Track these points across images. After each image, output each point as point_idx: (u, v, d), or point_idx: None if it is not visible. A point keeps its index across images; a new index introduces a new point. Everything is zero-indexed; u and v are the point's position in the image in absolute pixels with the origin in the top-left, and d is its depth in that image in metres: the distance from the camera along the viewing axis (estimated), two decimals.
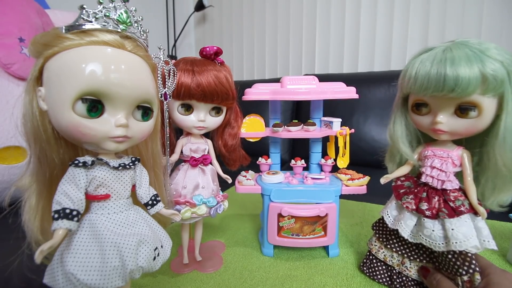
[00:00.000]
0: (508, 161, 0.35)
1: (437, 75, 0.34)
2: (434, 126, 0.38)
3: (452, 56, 0.34)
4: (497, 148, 0.36)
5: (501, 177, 0.36)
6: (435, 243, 0.38)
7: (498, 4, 1.07)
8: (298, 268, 0.51)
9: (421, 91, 0.37)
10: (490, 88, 0.33)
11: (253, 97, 0.54)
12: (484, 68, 0.32)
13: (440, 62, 0.34)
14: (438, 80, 0.34)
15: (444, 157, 0.40)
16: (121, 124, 0.29)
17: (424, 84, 0.36)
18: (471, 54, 0.33)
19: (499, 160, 0.36)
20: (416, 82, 0.37)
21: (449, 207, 0.38)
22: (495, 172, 0.37)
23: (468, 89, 0.33)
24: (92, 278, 0.27)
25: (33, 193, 0.31)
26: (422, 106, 0.39)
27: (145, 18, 0.34)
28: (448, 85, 0.34)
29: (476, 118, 0.35)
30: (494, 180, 0.37)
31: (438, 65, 0.34)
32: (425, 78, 0.35)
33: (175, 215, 0.38)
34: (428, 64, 0.35)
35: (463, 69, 0.33)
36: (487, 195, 0.38)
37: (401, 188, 0.44)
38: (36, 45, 0.28)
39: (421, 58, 0.37)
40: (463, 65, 0.33)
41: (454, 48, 0.35)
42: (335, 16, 1.39)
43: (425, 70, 0.35)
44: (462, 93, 0.33)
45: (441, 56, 0.35)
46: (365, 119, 1.11)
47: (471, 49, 0.34)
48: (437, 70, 0.34)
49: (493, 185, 0.38)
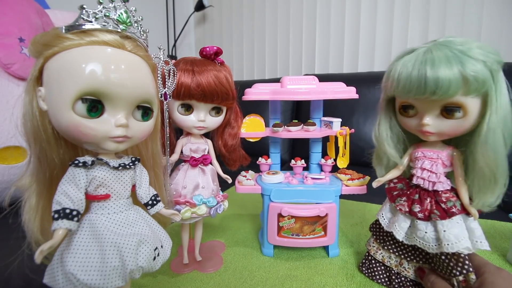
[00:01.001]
0: (490, 161, 0.35)
1: (418, 77, 0.34)
2: (422, 128, 0.38)
3: (432, 58, 0.33)
4: (479, 147, 0.35)
5: (483, 178, 0.36)
6: (428, 245, 0.38)
7: (498, 4, 1.07)
8: (298, 268, 0.51)
9: (404, 94, 0.37)
10: (472, 89, 0.33)
11: (253, 97, 0.54)
12: (464, 70, 0.32)
13: (420, 64, 0.34)
14: (419, 82, 0.34)
15: (434, 158, 0.40)
16: (121, 124, 0.29)
17: (406, 87, 0.35)
18: (451, 56, 0.33)
19: (481, 160, 0.35)
20: (399, 85, 0.36)
21: (441, 209, 0.38)
22: (479, 173, 0.36)
23: (449, 91, 0.33)
24: (92, 278, 0.27)
25: (33, 193, 0.31)
26: (408, 108, 0.39)
27: (145, 18, 0.34)
28: (429, 87, 0.33)
29: (462, 118, 0.35)
30: (478, 181, 0.37)
31: (419, 67, 0.34)
32: (407, 81, 0.35)
33: (175, 215, 0.38)
34: (409, 66, 0.35)
35: (443, 71, 0.32)
36: (474, 196, 0.38)
37: (394, 190, 0.44)
38: (36, 45, 0.28)
39: (403, 60, 0.36)
40: (443, 66, 0.33)
41: (434, 49, 0.34)
42: (335, 16, 1.39)
43: (406, 73, 0.35)
44: (444, 95, 0.33)
45: (422, 58, 0.34)
46: (365, 119, 1.11)
47: (452, 50, 0.33)
48: (417, 73, 0.34)
49: (478, 186, 0.37)
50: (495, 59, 0.33)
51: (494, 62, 0.33)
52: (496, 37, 1.08)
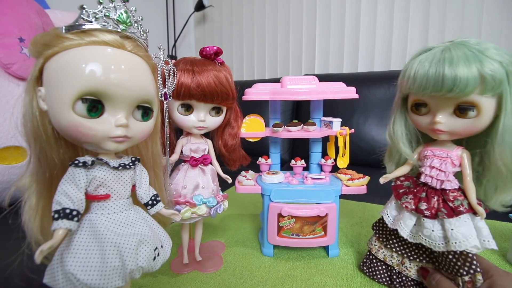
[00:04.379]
0: (507, 161, 0.35)
1: (436, 75, 0.34)
2: (433, 126, 0.38)
3: (450, 56, 0.34)
4: (496, 148, 0.36)
5: (502, 177, 0.36)
6: (435, 243, 0.38)
7: (498, 4, 1.07)
8: (298, 268, 0.51)
9: (420, 91, 0.37)
10: (488, 88, 0.33)
11: (253, 97, 0.54)
12: (482, 68, 0.32)
13: (438, 62, 0.34)
14: (437, 80, 0.34)
15: (443, 157, 0.40)
16: (121, 124, 0.29)
17: (422, 84, 0.36)
18: (470, 54, 0.33)
19: (498, 160, 0.36)
20: (415, 82, 0.37)
21: (448, 207, 0.38)
22: (496, 173, 0.37)
23: (466, 89, 0.33)
24: (92, 278, 0.27)
25: (33, 193, 0.31)
26: (421, 106, 0.39)
27: (145, 18, 0.34)
28: (447, 85, 0.33)
29: (475, 118, 0.35)
30: (496, 180, 0.37)
31: (437, 65, 0.34)
32: (424, 78, 0.35)
33: (175, 215, 0.38)
34: (426, 64, 0.35)
35: (461, 69, 0.33)
36: (490, 196, 0.38)
37: (401, 188, 0.44)
38: (36, 45, 0.28)
39: (420, 58, 0.37)
40: (462, 65, 0.33)
41: (452, 48, 0.35)
42: (335, 16, 1.39)
43: (423, 70, 0.35)
44: (460, 93, 0.33)
45: (440, 56, 0.35)
46: (365, 119, 1.11)
47: (470, 49, 0.34)
48: (435, 70, 0.34)
49: (494, 186, 0.37)
50: (511, 61, 0.34)
51: (509, 63, 0.33)
52: (496, 37, 1.08)
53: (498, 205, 0.38)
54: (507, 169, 0.36)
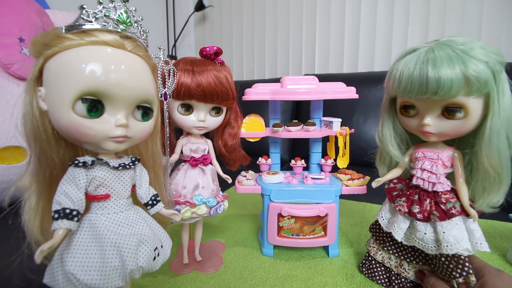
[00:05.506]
0: (494, 162, 0.35)
1: (420, 77, 0.34)
2: (422, 128, 0.38)
3: (434, 58, 0.33)
4: (483, 149, 0.35)
5: (489, 178, 0.36)
6: (427, 246, 0.38)
7: (498, 4, 1.07)
8: (298, 268, 0.51)
9: (406, 94, 0.36)
10: (474, 89, 0.33)
11: (253, 97, 0.54)
12: (466, 70, 0.32)
13: (422, 63, 0.34)
14: (421, 82, 0.34)
15: (434, 159, 0.39)
16: (121, 124, 0.29)
17: (408, 86, 0.35)
18: (453, 55, 0.33)
19: (485, 162, 0.35)
20: (400, 85, 0.36)
21: (440, 210, 0.38)
22: (483, 174, 0.36)
23: (451, 91, 0.33)
24: (92, 278, 0.27)
25: (33, 193, 0.31)
26: (409, 108, 0.39)
27: (145, 18, 0.34)
28: (431, 87, 0.33)
29: (463, 119, 0.35)
30: (483, 181, 0.37)
31: (421, 67, 0.34)
32: (409, 81, 0.35)
33: (175, 215, 0.38)
34: (411, 66, 0.35)
35: (444, 71, 0.32)
36: (477, 197, 0.38)
37: (394, 190, 0.44)
38: (36, 45, 0.28)
39: (405, 60, 0.36)
40: (445, 66, 0.32)
41: (436, 49, 0.34)
42: (335, 16, 1.39)
43: (408, 73, 0.35)
44: (445, 95, 0.33)
45: (424, 58, 0.34)
46: (365, 119, 1.11)
47: (454, 49, 0.33)
48: (419, 72, 0.34)
49: (482, 187, 0.37)
50: (498, 60, 0.33)
51: (496, 62, 0.33)
52: (496, 37, 1.08)
53: (485, 207, 0.38)
54: (495, 171, 0.35)
